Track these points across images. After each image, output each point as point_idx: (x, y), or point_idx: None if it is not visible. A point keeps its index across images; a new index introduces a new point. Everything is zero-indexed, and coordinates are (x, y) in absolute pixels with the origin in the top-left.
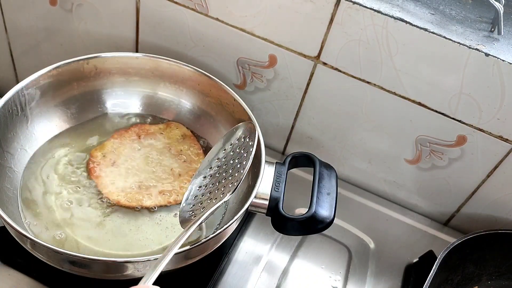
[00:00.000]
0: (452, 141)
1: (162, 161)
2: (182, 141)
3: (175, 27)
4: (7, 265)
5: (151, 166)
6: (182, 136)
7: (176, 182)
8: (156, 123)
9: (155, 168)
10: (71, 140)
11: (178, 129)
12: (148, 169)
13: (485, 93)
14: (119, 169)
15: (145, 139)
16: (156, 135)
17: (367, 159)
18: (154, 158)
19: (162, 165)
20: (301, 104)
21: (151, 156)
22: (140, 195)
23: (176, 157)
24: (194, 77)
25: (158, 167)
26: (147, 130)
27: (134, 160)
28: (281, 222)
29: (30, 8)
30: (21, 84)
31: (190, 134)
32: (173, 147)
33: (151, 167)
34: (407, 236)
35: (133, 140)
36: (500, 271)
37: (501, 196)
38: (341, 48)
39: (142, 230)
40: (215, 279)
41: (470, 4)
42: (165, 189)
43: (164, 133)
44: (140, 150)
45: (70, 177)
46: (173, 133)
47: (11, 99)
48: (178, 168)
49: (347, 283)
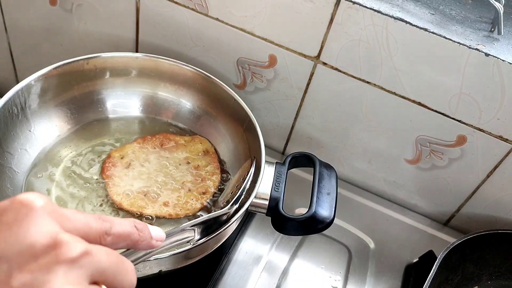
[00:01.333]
0: (452, 141)
1: (176, 172)
2: (202, 157)
3: (175, 27)
4: None
5: (163, 175)
6: (204, 151)
7: (184, 196)
8: (182, 135)
9: (167, 178)
10: (72, 140)
11: (202, 143)
12: (160, 178)
13: (485, 93)
14: (132, 173)
15: (167, 148)
16: (179, 146)
17: (367, 159)
18: (169, 168)
19: (175, 177)
20: (301, 104)
21: (168, 166)
22: (143, 201)
23: (192, 172)
24: (194, 77)
25: (170, 178)
26: (171, 139)
27: (149, 167)
28: (281, 222)
29: (30, 8)
30: (21, 84)
31: (212, 151)
32: (192, 161)
33: (163, 176)
34: (407, 236)
35: (155, 147)
36: (500, 271)
37: (501, 196)
38: (341, 48)
39: None
40: (215, 279)
41: (470, 4)
42: (169, 201)
43: (187, 145)
44: (159, 158)
45: (73, 178)
46: (195, 147)
47: (11, 99)
48: (190, 183)
49: (347, 283)
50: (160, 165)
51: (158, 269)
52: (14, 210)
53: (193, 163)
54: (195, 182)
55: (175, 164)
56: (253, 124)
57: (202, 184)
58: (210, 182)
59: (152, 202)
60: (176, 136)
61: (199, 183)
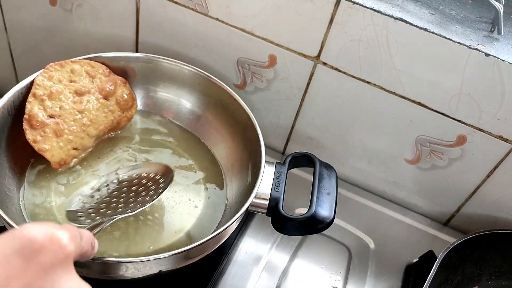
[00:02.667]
0: (452, 141)
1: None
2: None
3: (175, 27)
4: None
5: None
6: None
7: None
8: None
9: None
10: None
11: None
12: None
13: (485, 93)
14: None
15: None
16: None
17: (367, 159)
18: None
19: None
20: (301, 104)
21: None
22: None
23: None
24: (194, 77)
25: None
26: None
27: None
28: (281, 222)
29: (30, 8)
30: (21, 84)
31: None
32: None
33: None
34: (407, 236)
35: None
36: (500, 271)
37: (501, 196)
38: (341, 48)
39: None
40: (215, 279)
41: (470, 4)
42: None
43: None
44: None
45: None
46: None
47: (11, 99)
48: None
49: (347, 283)
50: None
51: (158, 269)
52: (52, 252)
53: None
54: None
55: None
56: (253, 124)
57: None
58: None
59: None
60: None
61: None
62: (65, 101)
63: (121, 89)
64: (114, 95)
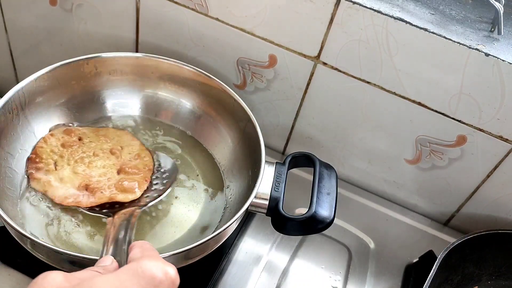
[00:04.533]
0: (452, 141)
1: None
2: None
3: (175, 27)
4: (7, 265)
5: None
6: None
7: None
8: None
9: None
10: None
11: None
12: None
13: (485, 93)
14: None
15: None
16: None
17: (367, 159)
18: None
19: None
20: (301, 104)
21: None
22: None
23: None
24: (194, 77)
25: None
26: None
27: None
28: (281, 222)
29: (30, 8)
30: (21, 84)
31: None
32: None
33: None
34: (407, 236)
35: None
36: (500, 271)
37: (501, 196)
38: (341, 48)
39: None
40: (215, 279)
41: (470, 4)
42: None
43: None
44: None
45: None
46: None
47: (11, 99)
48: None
49: (347, 283)
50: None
51: None
52: (167, 286)
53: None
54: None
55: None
56: (253, 124)
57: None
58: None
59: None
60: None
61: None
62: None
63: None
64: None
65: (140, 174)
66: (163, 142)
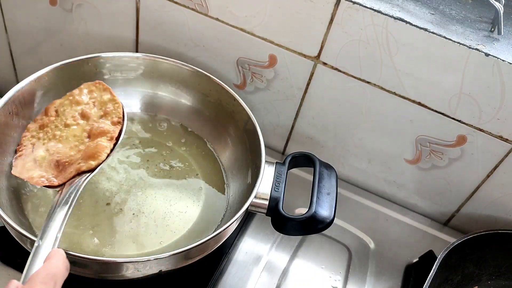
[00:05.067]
0: (452, 141)
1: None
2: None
3: (175, 27)
4: (7, 265)
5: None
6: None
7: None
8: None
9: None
10: None
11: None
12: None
13: (485, 93)
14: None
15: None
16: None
17: (367, 159)
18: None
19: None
20: (301, 104)
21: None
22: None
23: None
24: (194, 77)
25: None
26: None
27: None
28: (281, 222)
29: (30, 8)
30: (21, 84)
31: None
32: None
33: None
34: (407, 236)
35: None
36: (500, 271)
37: (501, 196)
38: (341, 48)
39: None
40: (215, 279)
41: (470, 4)
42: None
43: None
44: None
45: None
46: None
47: (11, 99)
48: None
49: (347, 283)
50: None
51: (158, 269)
52: None
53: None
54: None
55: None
56: (253, 124)
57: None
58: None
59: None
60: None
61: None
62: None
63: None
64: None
65: (107, 134)
66: (163, 142)
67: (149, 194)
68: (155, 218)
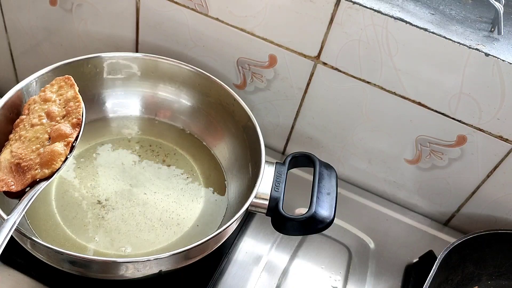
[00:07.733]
0: (452, 141)
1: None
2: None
3: (175, 27)
4: (7, 265)
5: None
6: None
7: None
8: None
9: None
10: None
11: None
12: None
13: (485, 93)
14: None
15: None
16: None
17: (367, 159)
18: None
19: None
20: (301, 104)
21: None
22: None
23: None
24: (194, 77)
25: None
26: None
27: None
28: (281, 222)
29: (30, 8)
30: (21, 84)
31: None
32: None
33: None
34: (407, 236)
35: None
36: (500, 271)
37: (501, 196)
38: (341, 48)
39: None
40: (215, 279)
41: (470, 4)
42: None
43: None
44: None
45: (72, 177)
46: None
47: (11, 99)
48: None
49: (347, 283)
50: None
51: (158, 269)
52: None
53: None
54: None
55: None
56: (253, 124)
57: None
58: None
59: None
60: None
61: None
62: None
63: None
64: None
65: (65, 138)
66: (163, 142)
67: (149, 194)
68: (155, 218)
